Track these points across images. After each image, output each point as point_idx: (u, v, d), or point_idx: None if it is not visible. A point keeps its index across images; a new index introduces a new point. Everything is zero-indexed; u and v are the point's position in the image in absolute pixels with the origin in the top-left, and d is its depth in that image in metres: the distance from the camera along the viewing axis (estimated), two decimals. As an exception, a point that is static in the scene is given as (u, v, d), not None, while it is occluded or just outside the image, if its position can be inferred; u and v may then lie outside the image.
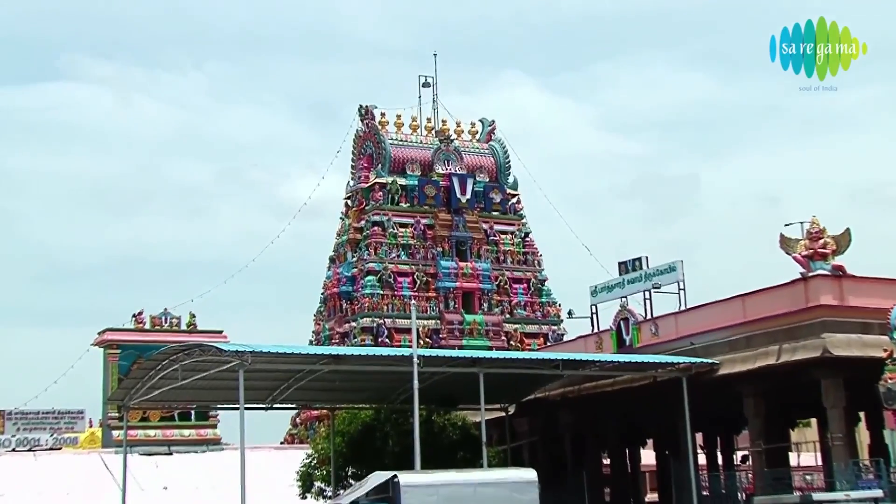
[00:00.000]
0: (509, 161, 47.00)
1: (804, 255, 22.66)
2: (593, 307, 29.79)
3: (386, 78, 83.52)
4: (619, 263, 29.73)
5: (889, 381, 19.89)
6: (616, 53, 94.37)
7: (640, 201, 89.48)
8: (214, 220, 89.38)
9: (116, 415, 38.63)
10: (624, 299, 28.03)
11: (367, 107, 45.98)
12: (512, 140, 48.15)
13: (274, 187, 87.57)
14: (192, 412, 41.05)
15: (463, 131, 47.78)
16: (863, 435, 28.12)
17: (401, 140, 45.65)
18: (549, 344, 40.98)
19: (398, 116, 46.34)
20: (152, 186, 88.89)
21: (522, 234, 45.82)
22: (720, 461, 30.13)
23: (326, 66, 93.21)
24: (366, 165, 45.42)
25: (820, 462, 28.61)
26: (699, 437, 29.12)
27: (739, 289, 23.62)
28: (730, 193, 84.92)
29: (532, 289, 44.81)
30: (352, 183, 46.18)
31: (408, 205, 44.26)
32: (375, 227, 43.21)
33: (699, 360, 23.51)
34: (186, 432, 41.49)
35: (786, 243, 23.02)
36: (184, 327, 42.67)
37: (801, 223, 23.10)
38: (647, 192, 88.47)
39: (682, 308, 26.22)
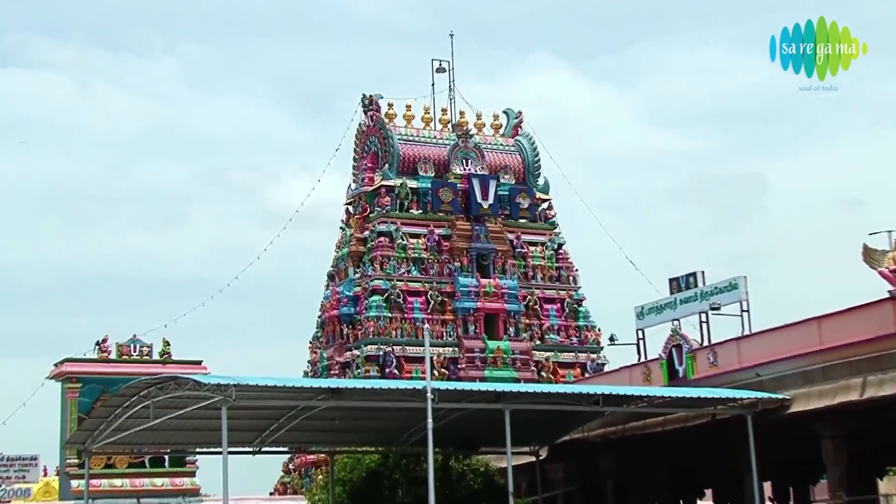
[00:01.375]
0: (539, 160, 47.11)
1: (893, 269, 22.63)
2: (640, 332, 29.88)
3: (393, 63, 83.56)
4: (671, 280, 29.85)
5: None
6: (665, 32, 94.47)
7: (696, 206, 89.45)
8: (192, 229, 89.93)
9: (76, 461, 38.63)
10: (676, 322, 28.06)
11: (371, 96, 46.07)
12: (542, 135, 48.31)
13: (262, 191, 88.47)
14: (166, 458, 40.76)
15: (484, 125, 47.84)
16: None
17: (411, 135, 45.75)
18: (587, 375, 40.94)
19: (408, 108, 46.46)
20: (119, 191, 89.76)
21: (555, 246, 45.85)
22: (793, 516, 30.10)
23: (323, 49, 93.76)
24: (370, 165, 45.51)
25: (914, 517, 28.45)
26: (767, 487, 28.92)
27: (815, 310, 23.68)
28: (803, 196, 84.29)
29: (567, 310, 44.84)
30: (353, 186, 46.32)
31: (420, 211, 44.38)
32: (381, 238, 43.26)
33: (767, 394, 23.39)
34: (159, 481, 41.30)
35: (871, 255, 23.03)
36: (156, 357, 42.58)
37: (889, 232, 23.15)
38: (703, 195, 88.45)
39: (746, 333, 26.19)
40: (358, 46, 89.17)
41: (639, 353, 29.85)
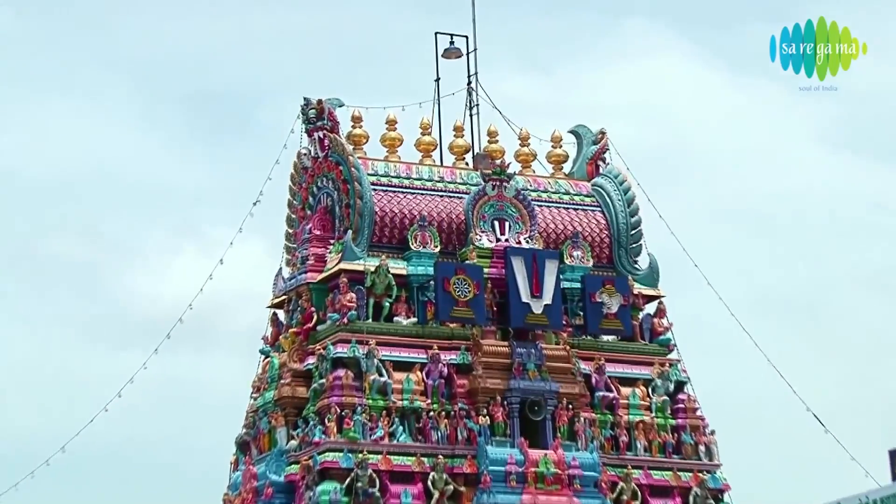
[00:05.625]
0: (639, 221, 46.90)
1: None
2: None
3: (363, 40, 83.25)
4: (893, 453, 30.55)
5: None
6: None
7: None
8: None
9: None
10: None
11: (320, 102, 45.63)
12: (644, 174, 48.12)
13: (111, 279, 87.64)
14: None
15: (535, 155, 47.79)
16: None
17: (397, 175, 45.54)
18: None
19: (391, 123, 46.38)
20: None
21: (670, 386, 45.42)
22: None
23: (230, 15, 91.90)
24: (318, 233, 45.18)
25: None
26: None
27: None
28: None
29: (695, 509, 44.29)
30: (287, 272, 46.05)
31: (413, 321, 43.71)
32: (340, 372, 42.23)
33: None
34: None
35: None
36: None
37: None
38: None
39: None
40: (297, 10, 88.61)
41: None
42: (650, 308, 46.36)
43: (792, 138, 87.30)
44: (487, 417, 42.57)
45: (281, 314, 45.63)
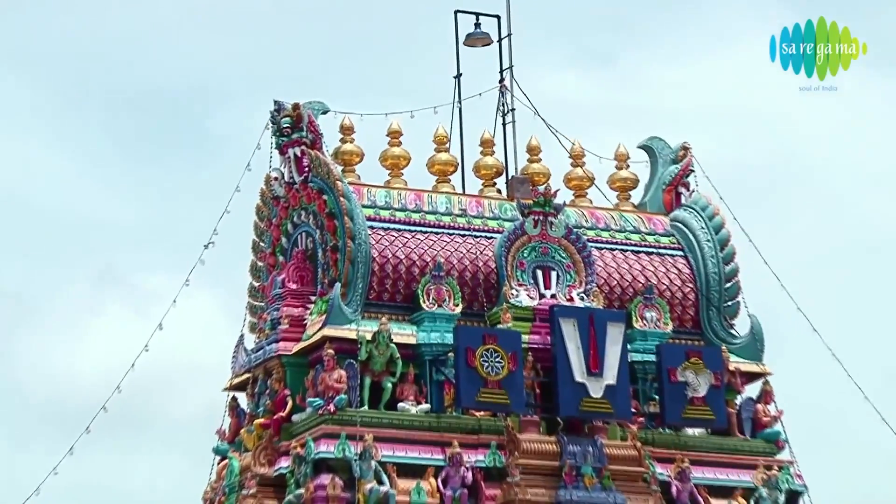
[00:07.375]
0: (735, 270, 45.78)
1: None
2: None
3: (358, 22, 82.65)
4: None
5: None
6: None
7: None
8: None
9: None
10: None
11: (298, 107, 44.44)
12: (742, 203, 47.14)
13: (4, 347, 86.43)
14: None
15: (592, 179, 46.89)
16: None
17: (400, 208, 44.36)
18: None
19: (394, 135, 45.27)
20: None
21: (780, 498, 44.05)
22: None
23: None
24: (295, 285, 43.88)
25: None
26: None
27: None
28: None
29: None
30: (252, 341, 44.93)
31: (424, 408, 42.14)
32: (324, 479, 40.72)
33: None
34: None
35: None
36: None
37: None
38: None
39: None
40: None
41: None
42: (752, 390, 45.30)
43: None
44: (528, 528, 42.29)
45: (243, 399, 44.83)
